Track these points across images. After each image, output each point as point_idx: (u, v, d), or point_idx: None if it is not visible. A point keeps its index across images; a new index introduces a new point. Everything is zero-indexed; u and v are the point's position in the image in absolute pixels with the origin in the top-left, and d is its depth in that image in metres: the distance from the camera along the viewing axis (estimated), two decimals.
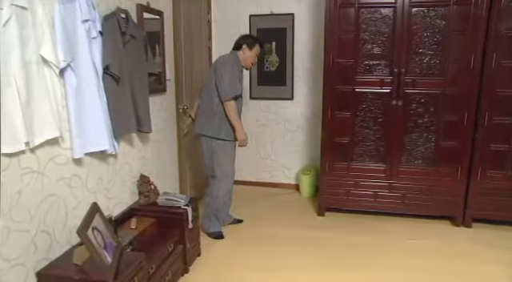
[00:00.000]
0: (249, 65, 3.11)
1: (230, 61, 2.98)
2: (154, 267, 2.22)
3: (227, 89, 2.89)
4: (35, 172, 1.80)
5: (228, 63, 2.96)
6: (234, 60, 3.00)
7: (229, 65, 2.94)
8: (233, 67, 2.94)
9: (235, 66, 2.96)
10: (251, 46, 3.03)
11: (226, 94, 2.89)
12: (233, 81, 2.90)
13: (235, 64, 2.98)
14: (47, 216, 1.89)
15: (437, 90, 3.17)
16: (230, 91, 2.89)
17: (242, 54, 3.04)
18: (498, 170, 3.19)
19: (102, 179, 2.34)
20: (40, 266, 1.85)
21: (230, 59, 3.00)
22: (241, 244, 3.03)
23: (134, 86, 2.50)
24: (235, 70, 2.95)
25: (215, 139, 3.02)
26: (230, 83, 2.89)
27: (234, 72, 2.93)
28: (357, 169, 3.42)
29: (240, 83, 3.02)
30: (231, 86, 2.90)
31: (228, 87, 2.89)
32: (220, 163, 3.06)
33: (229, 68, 2.92)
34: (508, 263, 2.76)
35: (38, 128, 1.75)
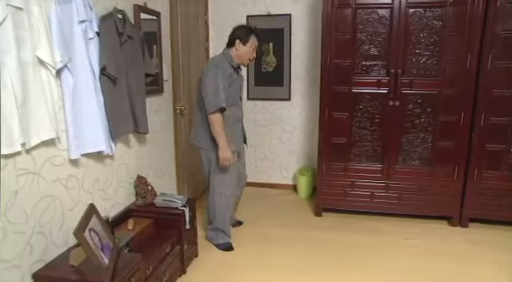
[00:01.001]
0: (246, 61, 2.80)
1: (214, 65, 2.65)
2: (151, 268, 2.21)
3: (210, 99, 2.59)
4: (31, 173, 1.80)
5: (211, 68, 2.64)
6: (219, 63, 2.66)
7: (212, 70, 2.62)
8: (216, 74, 2.61)
9: (219, 72, 2.61)
10: (245, 40, 2.70)
11: (209, 105, 2.60)
12: (215, 90, 2.58)
13: (219, 69, 2.62)
14: (43, 217, 1.88)
15: (434, 91, 3.18)
16: (213, 103, 2.58)
17: (235, 52, 2.73)
18: (494, 170, 3.20)
19: (98, 179, 2.34)
20: (36, 268, 1.84)
21: (215, 63, 2.67)
22: (238, 245, 3.03)
23: (131, 87, 2.50)
24: (219, 76, 2.61)
25: (213, 151, 2.78)
26: (212, 93, 2.58)
27: (218, 79, 2.60)
28: (354, 169, 3.43)
29: (230, 91, 2.69)
30: (214, 96, 2.58)
31: (211, 98, 2.59)
32: (219, 175, 2.83)
33: (211, 75, 2.61)
34: (504, 263, 2.77)
35: (34, 129, 1.75)
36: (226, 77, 2.65)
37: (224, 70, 2.64)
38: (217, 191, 2.87)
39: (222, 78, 2.62)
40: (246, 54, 2.75)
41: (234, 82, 2.74)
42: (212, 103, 2.59)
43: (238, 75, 2.83)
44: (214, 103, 2.59)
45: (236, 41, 2.71)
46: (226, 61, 2.71)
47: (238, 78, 2.80)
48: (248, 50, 2.74)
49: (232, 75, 2.72)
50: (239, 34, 2.71)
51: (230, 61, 2.72)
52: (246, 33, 2.71)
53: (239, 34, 2.71)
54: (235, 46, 2.72)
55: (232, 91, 2.72)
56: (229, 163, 2.68)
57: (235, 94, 2.77)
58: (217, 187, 2.86)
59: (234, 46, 2.73)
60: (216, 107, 2.58)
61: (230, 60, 2.72)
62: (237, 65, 2.79)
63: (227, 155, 2.66)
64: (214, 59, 2.74)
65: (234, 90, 2.74)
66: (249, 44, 2.72)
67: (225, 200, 2.88)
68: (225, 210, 2.90)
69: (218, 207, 2.88)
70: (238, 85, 2.82)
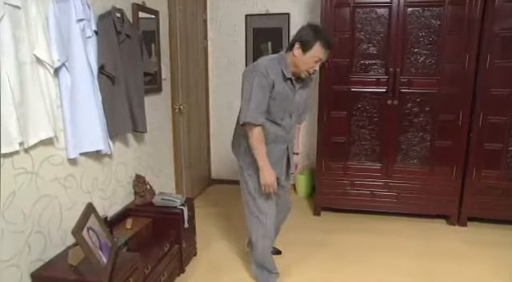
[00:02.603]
0: (303, 72, 2.13)
1: (252, 69, 2.10)
2: (149, 268, 2.21)
3: (243, 108, 2.11)
4: (29, 173, 1.79)
5: (248, 72, 2.11)
6: (261, 68, 2.08)
7: (248, 75, 2.10)
8: (253, 79, 2.06)
9: (256, 78, 2.05)
10: (307, 46, 2.03)
11: (242, 115, 2.12)
12: (253, 100, 2.06)
13: (258, 74, 2.06)
14: (41, 217, 1.88)
15: (432, 90, 3.18)
16: (247, 114, 2.07)
17: (291, 57, 2.11)
18: (492, 169, 3.21)
19: (97, 179, 2.33)
20: (34, 267, 1.84)
21: (255, 66, 2.10)
22: (237, 244, 3.03)
23: (130, 86, 2.49)
24: (256, 83, 2.05)
25: (245, 168, 2.33)
26: (246, 101, 2.09)
27: (253, 87, 2.05)
28: (353, 168, 3.43)
29: (274, 105, 2.13)
30: (250, 107, 2.06)
31: (244, 106, 2.09)
32: (252, 197, 2.31)
33: (248, 79, 2.09)
34: (503, 262, 2.77)
35: (32, 128, 1.74)
36: (264, 86, 2.06)
37: (264, 77, 2.05)
38: (254, 215, 2.35)
39: (259, 87, 2.05)
40: (304, 64, 2.09)
41: (281, 96, 2.13)
42: (245, 114, 2.08)
43: (293, 88, 2.18)
44: (247, 114, 2.08)
45: (296, 44, 2.07)
46: (275, 67, 2.11)
47: (290, 91, 2.17)
48: (307, 60, 2.07)
49: (277, 86, 2.11)
50: (301, 37, 2.06)
51: (284, 68, 2.12)
52: (310, 37, 2.03)
53: (301, 37, 2.06)
54: (293, 51, 2.09)
55: (276, 105, 2.13)
56: (271, 189, 2.18)
57: (279, 111, 2.17)
58: (254, 211, 2.34)
59: (292, 50, 2.09)
60: (249, 120, 2.07)
61: (283, 67, 2.12)
62: (292, 74, 2.16)
63: (268, 180, 2.14)
64: (259, 61, 2.15)
65: (279, 104, 2.14)
66: (310, 53, 2.05)
67: (262, 230, 2.34)
68: (262, 241, 2.37)
69: (255, 236, 2.37)
70: (291, 99, 2.19)
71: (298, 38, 2.08)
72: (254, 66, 2.11)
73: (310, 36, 2.03)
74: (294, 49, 2.08)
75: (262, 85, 2.06)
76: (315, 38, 2.02)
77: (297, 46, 2.06)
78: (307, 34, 2.04)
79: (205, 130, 4.21)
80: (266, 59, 2.16)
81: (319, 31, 2.05)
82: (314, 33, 2.04)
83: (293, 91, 2.18)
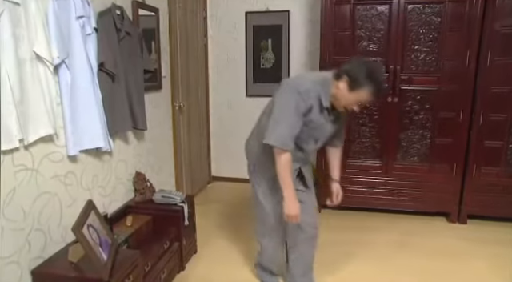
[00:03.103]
0: (340, 106, 1.89)
1: (296, 89, 1.82)
2: (149, 265, 2.21)
3: (274, 129, 1.85)
4: (29, 170, 1.79)
5: (291, 90, 1.83)
6: (305, 89, 1.83)
7: (289, 93, 1.83)
8: (291, 100, 1.81)
9: (301, 102, 1.81)
10: (354, 85, 1.77)
11: (272, 136, 1.85)
12: (287, 123, 1.84)
13: (301, 96, 1.81)
14: (42, 214, 1.88)
15: (432, 87, 3.17)
16: (278, 137, 1.84)
17: (335, 88, 1.84)
18: (492, 166, 3.21)
19: (97, 176, 2.33)
20: (34, 264, 1.84)
21: (300, 86, 1.83)
22: (237, 242, 3.03)
23: (130, 84, 2.49)
24: (293, 104, 1.81)
25: (252, 171, 2.20)
26: (279, 123, 1.84)
27: (291, 108, 1.82)
28: (352, 166, 3.43)
29: (306, 131, 1.92)
30: (282, 129, 1.84)
31: (276, 128, 1.84)
32: (261, 207, 2.17)
33: (287, 100, 1.83)
34: (502, 260, 2.77)
35: (32, 125, 1.74)
36: (301, 110, 1.84)
37: (303, 101, 1.82)
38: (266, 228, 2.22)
39: (296, 110, 1.82)
40: (345, 100, 1.84)
41: (314, 124, 1.92)
42: (273, 135, 1.85)
43: (328, 117, 1.95)
44: (275, 137, 1.85)
45: (344, 77, 1.80)
46: (317, 91, 1.85)
47: (324, 120, 1.95)
48: (349, 98, 1.82)
49: (313, 112, 1.88)
50: (353, 72, 1.78)
51: (323, 95, 1.86)
52: (362, 78, 1.75)
53: (353, 72, 1.78)
54: (339, 82, 1.81)
55: (305, 132, 1.92)
56: (294, 220, 1.99)
57: (307, 137, 1.97)
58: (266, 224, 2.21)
59: (339, 81, 1.82)
60: (277, 144, 1.85)
61: (324, 93, 1.86)
62: (330, 105, 1.92)
63: (292, 211, 1.95)
64: (302, 80, 1.90)
65: (309, 131, 1.94)
66: (356, 93, 1.79)
67: (273, 243, 2.24)
68: (272, 253, 2.30)
69: (265, 248, 2.30)
70: (323, 128, 1.98)
71: (348, 70, 1.80)
72: (296, 85, 1.85)
73: (362, 76, 1.75)
74: (340, 80, 1.81)
75: (300, 109, 1.83)
76: (367, 81, 1.75)
77: (344, 79, 1.79)
78: (359, 72, 1.76)
79: (205, 128, 4.21)
80: (309, 80, 1.89)
81: (373, 74, 1.77)
82: (368, 74, 1.75)
83: (327, 121, 1.96)
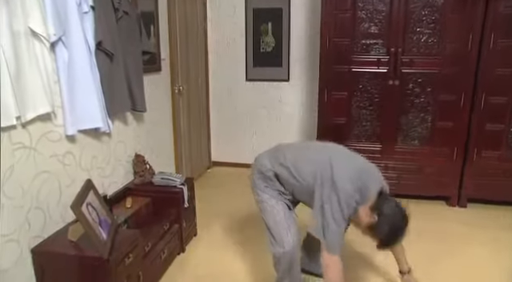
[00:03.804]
0: (356, 224, 1.86)
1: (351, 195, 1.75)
2: (149, 245, 2.21)
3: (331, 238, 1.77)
4: (27, 148, 1.78)
5: (346, 193, 1.74)
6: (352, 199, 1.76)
7: (344, 195, 1.74)
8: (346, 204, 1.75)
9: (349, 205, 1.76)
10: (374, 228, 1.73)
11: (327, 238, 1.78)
12: (340, 230, 1.78)
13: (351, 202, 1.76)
14: (40, 193, 1.87)
15: (434, 70, 3.14)
16: (336, 246, 1.78)
17: (362, 209, 1.77)
18: (493, 150, 3.19)
19: (96, 157, 2.32)
20: (34, 243, 1.84)
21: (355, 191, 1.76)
22: (238, 225, 3.03)
23: (128, 64, 2.47)
24: (350, 207, 1.76)
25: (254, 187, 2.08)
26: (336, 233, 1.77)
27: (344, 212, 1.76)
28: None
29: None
30: (338, 237, 1.79)
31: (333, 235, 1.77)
32: (268, 227, 2.01)
33: (343, 198, 1.74)
34: (502, 243, 2.78)
35: (30, 103, 1.72)
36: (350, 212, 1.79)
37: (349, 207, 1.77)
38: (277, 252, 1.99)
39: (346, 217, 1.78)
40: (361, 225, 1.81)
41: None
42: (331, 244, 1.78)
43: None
44: (330, 241, 1.78)
45: (375, 212, 1.72)
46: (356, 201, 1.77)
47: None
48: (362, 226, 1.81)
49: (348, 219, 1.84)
50: (380, 220, 1.70)
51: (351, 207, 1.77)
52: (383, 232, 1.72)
53: (380, 220, 1.70)
54: (369, 209, 1.74)
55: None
56: None
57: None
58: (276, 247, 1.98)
59: (369, 206, 1.75)
60: (329, 249, 1.79)
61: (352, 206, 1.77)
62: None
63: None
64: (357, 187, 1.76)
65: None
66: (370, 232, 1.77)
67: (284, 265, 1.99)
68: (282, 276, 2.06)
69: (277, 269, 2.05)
70: None
71: (378, 213, 1.71)
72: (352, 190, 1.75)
73: (384, 231, 1.71)
74: (370, 215, 1.74)
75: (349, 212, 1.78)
76: (385, 236, 1.73)
77: (371, 219, 1.73)
78: (383, 227, 1.70)
79: (204, 112, 4.18)
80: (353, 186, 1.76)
81: (394, 235, 1.75)
82: (390, 233, 1.72)
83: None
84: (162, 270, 2.41)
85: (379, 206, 1.74)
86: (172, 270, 2.48)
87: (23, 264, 1.79)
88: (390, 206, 1.75)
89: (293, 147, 2.17)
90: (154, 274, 2.27)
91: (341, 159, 1.87)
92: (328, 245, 1.78)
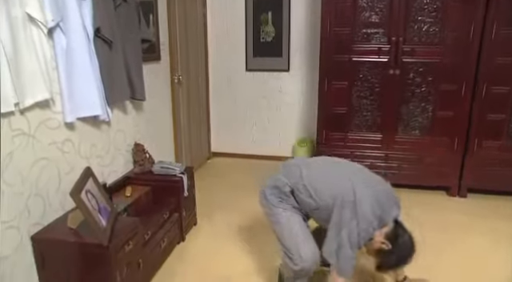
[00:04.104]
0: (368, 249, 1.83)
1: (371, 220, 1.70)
2: (149, 234, 2.21)
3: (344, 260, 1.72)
4: (26, 135, 1.77)
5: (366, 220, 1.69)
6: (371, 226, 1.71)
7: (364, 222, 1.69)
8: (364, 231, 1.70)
9: (367, 232, 1.71)
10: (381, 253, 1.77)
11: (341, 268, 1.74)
12: (354, 250, 1.72)
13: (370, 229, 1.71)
14: (40, 180, 1.87)
15: (435, 59, 3.12)
16: (348, 271, 1.74)
17: (378, 234, 1.74)
18: (494, 140, 3.18)
19: (95, 145, 2.31)
20: (34, 230, 1.84)
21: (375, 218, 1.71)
22: (238, 216, 3.03)
23: (127, 53, 2.45)
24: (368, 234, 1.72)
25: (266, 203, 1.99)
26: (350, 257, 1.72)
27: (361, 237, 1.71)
28: (353, 139, 3.41)
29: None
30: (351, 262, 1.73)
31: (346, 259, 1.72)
32: (283, 239, 1.90)
33: (363, 225, 1.69)
34: (501, 232, 2.78)
35: (28, 89, 1.71)
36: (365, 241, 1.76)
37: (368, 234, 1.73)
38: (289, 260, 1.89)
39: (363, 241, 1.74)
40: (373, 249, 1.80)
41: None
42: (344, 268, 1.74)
43: None
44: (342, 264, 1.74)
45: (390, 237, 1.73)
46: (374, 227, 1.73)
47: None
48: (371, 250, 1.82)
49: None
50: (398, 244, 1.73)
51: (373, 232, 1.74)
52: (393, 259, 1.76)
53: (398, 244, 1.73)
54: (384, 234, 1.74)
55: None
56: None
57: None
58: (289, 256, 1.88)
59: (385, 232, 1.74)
60: (340, 272, 1.75)
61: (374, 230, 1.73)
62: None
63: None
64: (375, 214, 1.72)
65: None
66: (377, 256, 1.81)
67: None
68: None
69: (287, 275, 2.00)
70: None
71: (392, 241, 1.72)
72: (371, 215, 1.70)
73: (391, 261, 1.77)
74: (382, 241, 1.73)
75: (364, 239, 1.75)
76: (385, 267, 1.82)
77: (383, 245, 1.73)
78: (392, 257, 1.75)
79: (204, 103, 4.17)
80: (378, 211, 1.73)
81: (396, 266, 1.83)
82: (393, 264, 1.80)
83: None
84: (162, 258, 2.41)
85: (395, 236, 1.74)
86: (172, 259, 2.48)
87: (23, 251, 1.79)
88: (404, 239, 1.75)
89: (309, 164, 2.01)
90: (154, 262, 2.27)
91: (363, 185, 1.77)
92: (340, 268, 1.73)
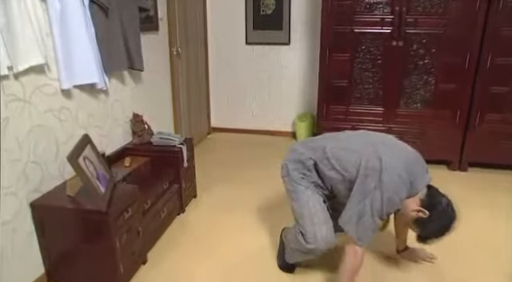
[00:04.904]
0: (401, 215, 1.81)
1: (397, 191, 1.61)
2: (149, 203, 2.21)
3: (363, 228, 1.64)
4: (21, 100, 1.74)
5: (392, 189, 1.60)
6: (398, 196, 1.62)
7: (390, 191, 1.59)
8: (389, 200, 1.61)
9: (392, 203, 1.62)
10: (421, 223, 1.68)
11: (360, 236, 1.65)
12: (376, 221, 1.63)
13: (396, 199, 1.62)
14: (37, 147, 1.85)
15: (439, 30, 3.05)
16: (365, 235, 1.64)
17: (411, 202, 1.68)
18: (496, 113, 3.15)
19: (93, 115, 2.28)
20: (33, 197, 1.83)
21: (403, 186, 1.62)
22: (238, 190, 3.02)
23: (124, 20, 2.40)
24: (393, 204, 1.64)
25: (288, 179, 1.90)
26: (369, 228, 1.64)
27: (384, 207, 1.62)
28: (354, 113, 3.37)
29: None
30: (369, 232, 1.65)
31: (365, 227, 1.64)
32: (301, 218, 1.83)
33: (388, 194, 1.59)
34: (501, 206, 2.77)
35: (21, 53, 1.66)
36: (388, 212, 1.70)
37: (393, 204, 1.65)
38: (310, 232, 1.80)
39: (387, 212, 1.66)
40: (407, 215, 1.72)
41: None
42: (362, 236, 1.65)
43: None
44: (364, 237, 1.65)
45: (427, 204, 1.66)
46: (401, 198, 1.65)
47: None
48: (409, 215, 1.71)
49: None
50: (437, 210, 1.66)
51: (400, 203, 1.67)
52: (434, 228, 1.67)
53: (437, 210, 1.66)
54: (419, 201, 1.68)
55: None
56: None
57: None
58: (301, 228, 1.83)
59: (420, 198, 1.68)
60: (359, 240, 1.65)
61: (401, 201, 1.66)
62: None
63: None
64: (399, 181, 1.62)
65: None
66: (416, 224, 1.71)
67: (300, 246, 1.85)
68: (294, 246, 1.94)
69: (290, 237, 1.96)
70: None
71: (429, 209, 1.64)
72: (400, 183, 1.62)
73: (433, 229, 1.67)
74: (419, 209, 1.65)
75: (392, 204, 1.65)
76: (427, 237, 1.71)
77: (420, 213, 1.65)
78: (433, 225, 1.66)
79: (203, 77, 4.11)
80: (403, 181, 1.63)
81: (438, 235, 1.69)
82: (439, 232, 1.68)
83: None
84: (162, 228, 2.42)
85: (432, 201, 1.67)
86: (172, 229, 2.49)
87: (23, 218, 1.79)
88: (443, 205, 1.67)
89: (330, 137, 1.93)
90: (154, 231, 2.27)
91: (389, 150, 1.68)
92: (359, 236, 1.64)
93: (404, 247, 2.13)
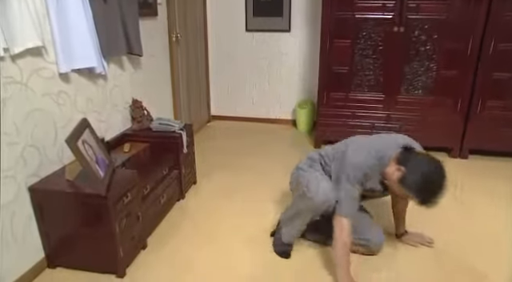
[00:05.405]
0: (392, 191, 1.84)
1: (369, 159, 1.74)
2: (148, 188, 2.20)
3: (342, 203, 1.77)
4: (18, 83, 1.72)
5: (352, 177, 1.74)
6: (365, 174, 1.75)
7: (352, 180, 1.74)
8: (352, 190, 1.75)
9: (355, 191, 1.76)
10: (404, 184, 1.65)
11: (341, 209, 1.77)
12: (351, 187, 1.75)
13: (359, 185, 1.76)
14: (35, 131, 1.83)
15: (441, 16, 3.01)
16: (345, 205, 1.77)
17: (390, 171, 1.71)
18: (498, 99, 3.12)
19: (91, 100, 2.26)
20: (32, 181, 1.82)
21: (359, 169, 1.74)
22: (238, 177, 3.01)
23: (123, 5, 2.37)
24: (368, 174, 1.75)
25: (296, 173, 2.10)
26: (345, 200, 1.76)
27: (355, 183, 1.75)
28: (355, 99, 3.35)
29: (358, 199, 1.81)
30: (346, 194, 1.76)
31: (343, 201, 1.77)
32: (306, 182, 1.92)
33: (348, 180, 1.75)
34: (501, 193, 2.76)
35: (17, 35, 1.64)
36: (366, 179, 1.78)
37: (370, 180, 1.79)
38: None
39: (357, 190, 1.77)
40: (395, 188, 1.74)
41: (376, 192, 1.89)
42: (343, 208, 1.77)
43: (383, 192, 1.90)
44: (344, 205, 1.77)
45: (401, 168, 1.66)
46: (371, 173, 1.76)
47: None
48: (399, 190, 1.71)
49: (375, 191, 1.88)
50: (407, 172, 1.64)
51: (375, 178, 1.80)
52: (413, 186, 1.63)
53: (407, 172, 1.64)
54: (394, 169, 1.68)
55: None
56: None
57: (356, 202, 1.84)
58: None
59: (397, 166, 1.68)
60: (344, 212, 1.76)
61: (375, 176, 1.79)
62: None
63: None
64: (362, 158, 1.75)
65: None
66: (404, 191, 1.69)
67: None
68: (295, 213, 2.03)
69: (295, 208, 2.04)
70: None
71: (405, 163, 1.65)
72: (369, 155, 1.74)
73: (416, 181, 1.62)
74: (397, 166, 1.67)
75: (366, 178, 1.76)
76: (417, 192, 1.63)
77: (399, 172, 1.66)
78: (413, 179, 1.62)
79: (203, 64, 4.08)
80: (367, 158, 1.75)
81: (427, 187, 1.62)
82: (421, 186, 1.62)
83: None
84: (162, 214, 2.41)
85: (405, 156, 1.69)
86: (172, 215, 2.49)
87: (22, 202, 1.78)
88: (417, 156, 1.69)
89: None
90: (153, 216, 2.27)
91: (363, 137, 1.95)
92: (340, 201, 1.76)
93: (403, 231, 2.14)
